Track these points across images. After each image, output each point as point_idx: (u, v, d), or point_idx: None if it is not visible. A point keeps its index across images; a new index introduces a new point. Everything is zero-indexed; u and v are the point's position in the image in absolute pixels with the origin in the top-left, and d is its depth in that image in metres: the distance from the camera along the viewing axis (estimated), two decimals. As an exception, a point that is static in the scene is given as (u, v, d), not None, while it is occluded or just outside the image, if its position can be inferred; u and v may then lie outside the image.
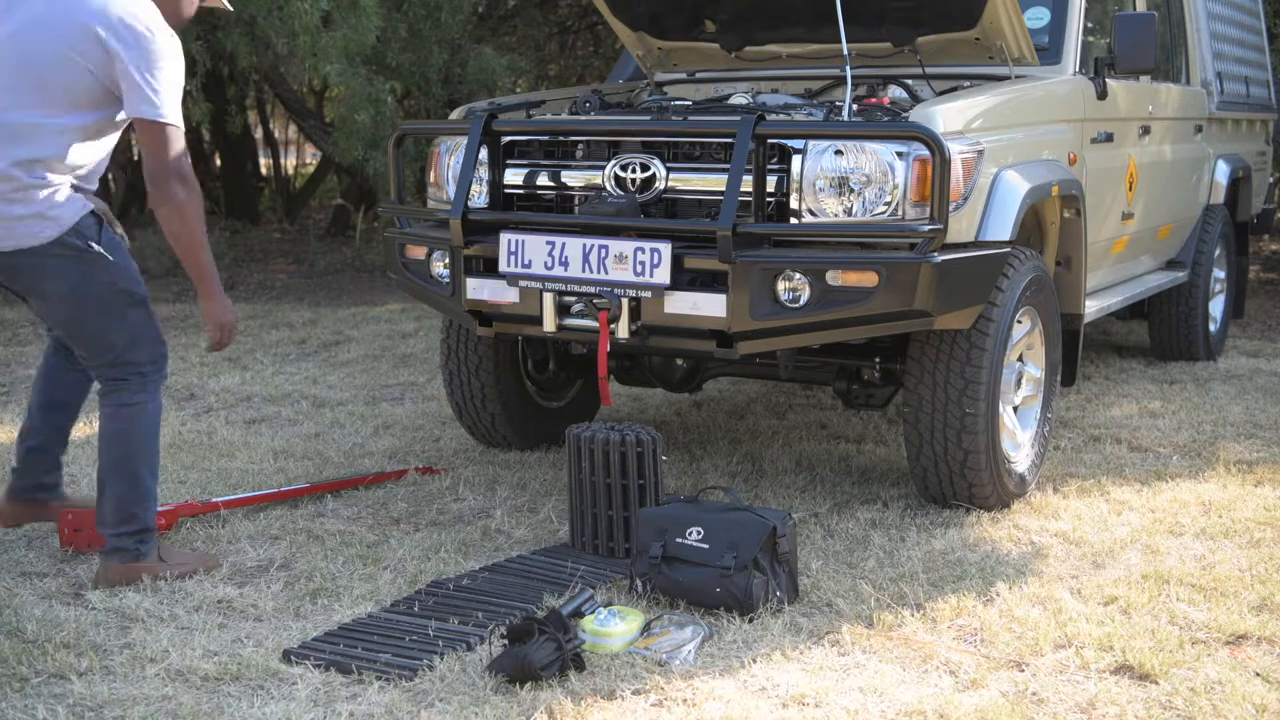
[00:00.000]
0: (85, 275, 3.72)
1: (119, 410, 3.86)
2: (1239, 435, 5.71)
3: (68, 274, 3.71)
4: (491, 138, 4.60)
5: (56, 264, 3.70)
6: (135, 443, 3.87)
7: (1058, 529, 4.40)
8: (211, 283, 3.87)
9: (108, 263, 3.74)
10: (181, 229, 3.74)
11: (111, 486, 3.87)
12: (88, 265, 3.71)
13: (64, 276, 3.71)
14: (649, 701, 3.14)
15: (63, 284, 3.73)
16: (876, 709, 3.11)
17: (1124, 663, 3.35)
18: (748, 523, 3.71)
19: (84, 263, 3.71)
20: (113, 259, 3.75)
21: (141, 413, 3.86)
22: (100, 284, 3.74)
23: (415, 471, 4.95)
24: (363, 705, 3.11)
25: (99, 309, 3.77)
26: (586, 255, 4.27)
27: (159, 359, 3.90)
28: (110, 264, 3.75)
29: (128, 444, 3.86)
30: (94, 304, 3.76)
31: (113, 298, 3.77)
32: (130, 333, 3.81)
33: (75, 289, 3.73)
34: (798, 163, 4.18)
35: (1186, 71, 6.88)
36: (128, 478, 3.86)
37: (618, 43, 8.37)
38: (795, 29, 5.19)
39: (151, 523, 3.91)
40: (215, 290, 3.90)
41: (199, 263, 3.81)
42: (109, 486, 3.87)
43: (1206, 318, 7.22)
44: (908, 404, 4.49)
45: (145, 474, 3.88)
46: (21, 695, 3.16)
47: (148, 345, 3.86)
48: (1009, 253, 4.42)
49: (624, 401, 6.26)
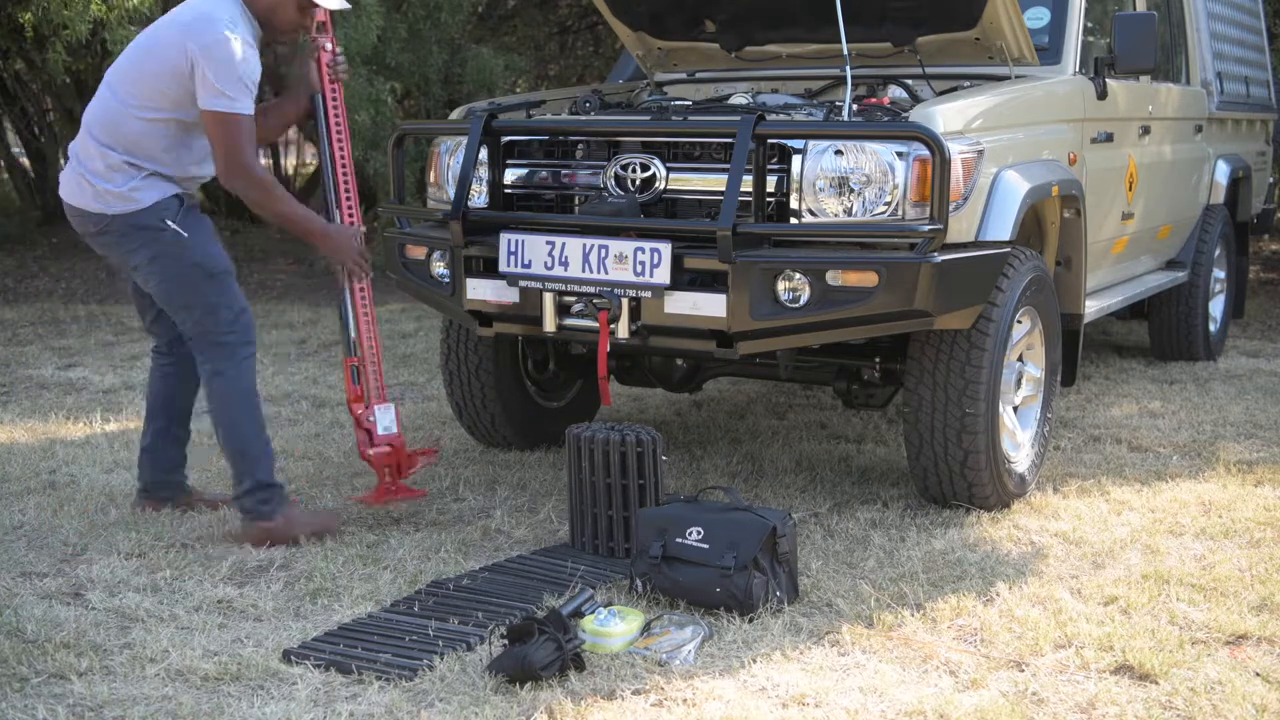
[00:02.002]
0: (162, 250, 4.13)
1: (211, 380, 4.23)
2: (1239, 435, 5.71)
3: (147, 249, 4.14)
4: (491, 138, 4.60)
5: (137, 240, 4.14)
6: (231, 409, 4.20)
7: (1058, 529, 4.40)
8: (311, 231, 4.33)
9: (184, 239, 4.13)
10: (260, 201, 4.20)
11: (225, 452, 4.27)
12: (164, 242, 4.13)
13: (144, 251, 4.15)
14: (649, 701, 3.14)
15: (143, 257, 4.16)
16: (876, 709, 3.11)
17: (1124, 663, 3.35)
18: (748, 523, 3.71)
19: (161, 240, 4.12)
20: (188, 236, 4.14)
21: (229, 380, 4.19)
22: (176, 259, 4.14)
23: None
24: (363, 705, 3.11)
25: (177, 281, 4.17)
26: (586, 255, 4.27)
27: (239, 329, 4.21)
28: (185, 240, 4.14)
29: (224, 411, 4.21)
30: (172, 276, 4.17)
31: (189, 271, 4.15)
32: (205, 303, 4.17)
33: (154, 261, 4.15)
34: (798, 163, 4.18)
35: (1186, 71, 6.88)
36: (231, 441, 4.22)
37: (618, 43, 8.37)
38: (795, 29, 5.19)
39: (266, 479, 4.21)
40: (318, 233, 4.34)
41: (290, 220, 4.28)
42: (225, 452, 4.27)
43: (1206, 318, 7.22)
44: (908, 404, 4.49)
45: (248, 435, 4.21)
46: (21, 695, 3.16)
47: (225, 315, 4.18)
48: (1009, 253, 4.42)
49: (624, 401, 6.26)
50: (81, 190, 4.18)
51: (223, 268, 4.20)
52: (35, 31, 9.45)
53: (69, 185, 4.23)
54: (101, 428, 5.82)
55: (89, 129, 4.19)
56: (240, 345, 4.21)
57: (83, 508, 4.60)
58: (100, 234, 4.21)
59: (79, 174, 4.18)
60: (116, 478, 4.98)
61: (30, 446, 5.48)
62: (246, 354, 4.23)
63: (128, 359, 7.47)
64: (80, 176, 4.17)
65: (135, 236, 4.13)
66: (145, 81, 4.10)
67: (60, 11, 8.08)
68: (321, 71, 4.40)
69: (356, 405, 4.45)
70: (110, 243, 4.22)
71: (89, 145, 4.17)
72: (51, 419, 5.98)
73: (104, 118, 4.17)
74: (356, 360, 4.45)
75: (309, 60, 4.41)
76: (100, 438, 5.61)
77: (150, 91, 4.09)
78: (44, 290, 10.33)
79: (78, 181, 4.19)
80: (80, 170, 4.18)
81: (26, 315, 9.09)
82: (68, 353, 7.71)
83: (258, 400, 4.27)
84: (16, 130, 14.43)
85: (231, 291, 4.22)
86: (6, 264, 11.33)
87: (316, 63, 4.40)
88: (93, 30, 8.24)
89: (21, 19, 9.64)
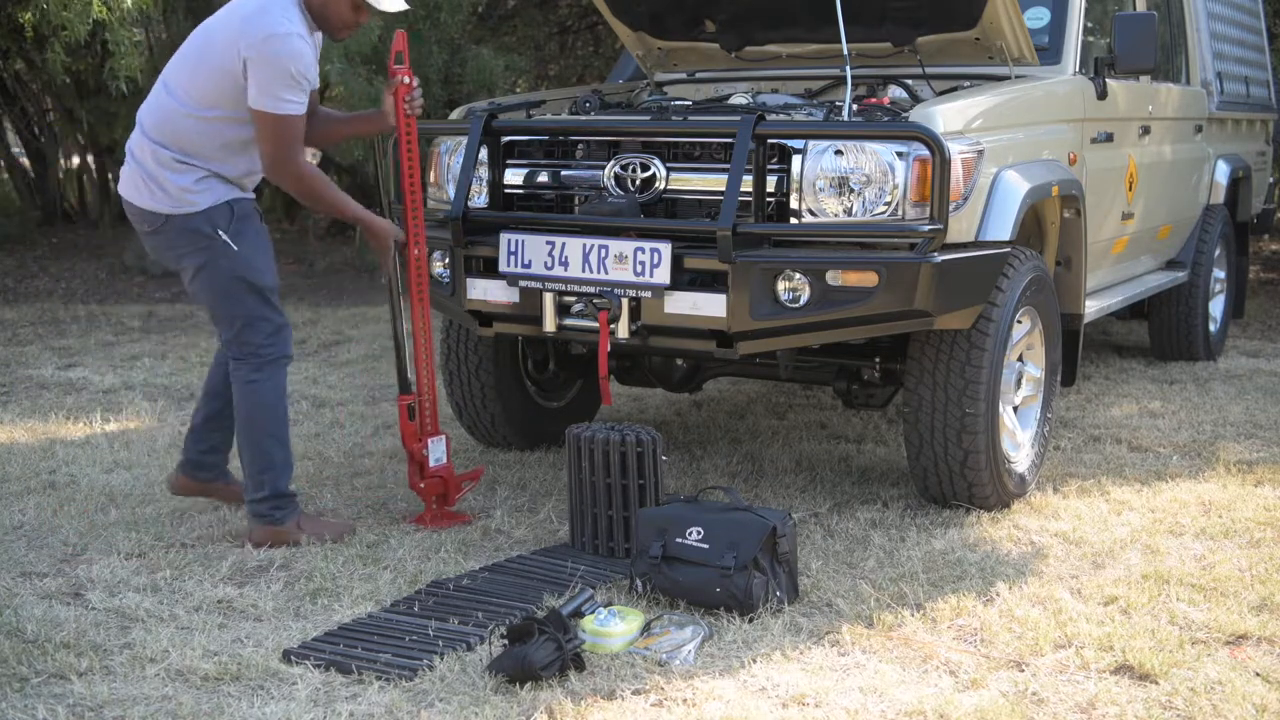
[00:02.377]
0: (210, 259, 4.16)
1: (242, 387, 4.25)
2: (1239, 435, 5.71)
3: (196, 256, 4.17)
4: (491, 138, 4.60)
5: (187, 246, 4.15)
6: (257, 417, 4.24)
7: (1058, 529, 4.40)
8: (359, 216, 4.33)
9: (232, 252, 4.15)
10: (307, 195, 4.25)
11: (244, 456, 4.28)
12: (213, 252, 4.15)
13: (192, 258, 4.18)
14: (649, 701, 3.14)
15: (191, 264, 4.19)
16: (876, 709, 3.11)
17: (1124, 663, 3.35)
18: (748, 523, 3.71)
19: (211, 249, 4.14)
20: (237, 249, 4.15)
21: (260, 390, 4.23)
22: (222, 269, 4.16)
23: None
24: (363, 705, 3.11)
25: (221, 291, 4.19)
26: (586, 255, 4.27)
27: (277, 343, 4.25)
28: (234, 253, 4.15)
29: (251, 418, 4.25)
30: (217, 286, 4.19)
31: (233, 283, 4.17)
32: (246, 316, 4.20)
33: (201, 270, 4.18)
34: (798, 163, 4.18)
35: (1186, 71, 6.88)
36: (254, 449, 4.24)
37: (618, 43, 8.37)
38: (795, 29, 5.19)
39: (283, 489, 4.25)
40: (365, 219, 4.36)
41: (339, 209, 4.31)
42: (244, 456, 4.29)
43: (1206, 318, 7.22)
44: (908, 404, 4.49)
45: (271, 446, 4.24)
46: (21, 695, 3.16)
47: (264, 329, 4.22)
48: (1009, 253, 4.42)
49: (624, 401, 6.26)
50: (137, 188, 4.18)
51: (267, 283, 4.21)
52: (35, 31, 9.45)
53: (126, 182, 4.23)
54: (101, 428, 5.82)
55: (142, 125, 4.19)
56: (277, 359, 4.25)
57: (83, 508, 4.60)
58: (154, 234, 4.21)
59: (135, 171, 4.19)
60: (116, 478, 4.98)
61: (30, 446, 5.48)
62: (281, 367, 4.27)
63: (128, 359, 7.47)
64: (136, 173, 4.18)
65: (186, 243, 4.14)
66: (199, 80, 4.09)
67: (59, 13, 8.07)
68: (398, 106, 4.39)
69: (412, 442, 4.45)
70: (161, 244, 4.23)
71: (142, 142, 4.17)
72: (51, 419, 5.98)
73: (158, 115, 4.15)
74: (413, 398, 4.46)
75: (388, 95, 4.40)
76: (100, 438, 5.61)
77: (204, 90, 4.08)
78: (44, 290, 10.33)
79: (134, 178, 4.19)
80: (135, 167, 4.19)
81: (26, 315, 9.09)
82: (68, 353, 7.71)
83: (286, 412, 4.31)
84: (16, 130, 14.44)
85: (273, 306, 4.24)
86: (6, 264, 11.34)
87: (394, 95, 4.38)
88: (92, 31, 8.24)
89: (21, 19, 9.64)
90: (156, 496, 4.74)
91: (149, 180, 4.14)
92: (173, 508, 4.59)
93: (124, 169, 4.27)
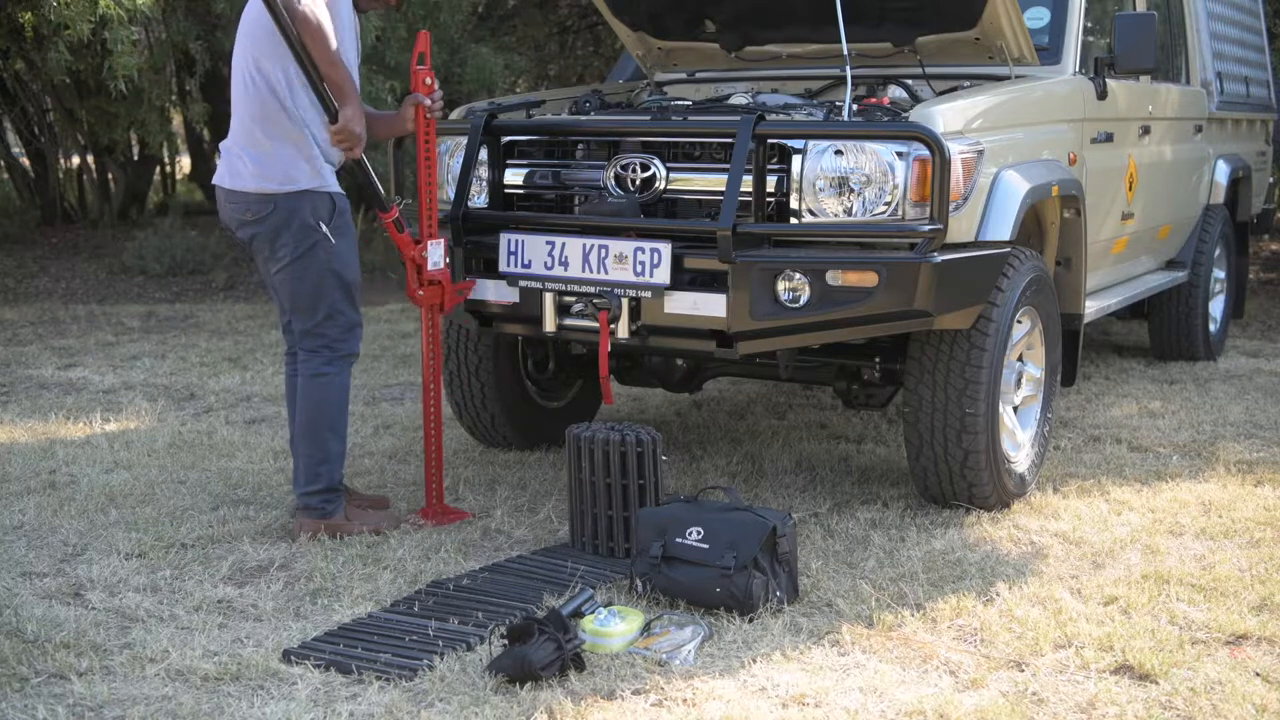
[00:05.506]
0: (309, 251, 4.21)
1: (311, 380, 4.30)
2: (1239, 435, 5.71)
3: (294, 247, 4.21)
4: (491, 138, 4.61)
5: (288, 237, 4.19)
6: (323, 410, 4.30)
7: (1058, 529, 4.40)
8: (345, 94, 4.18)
9: (331, 246, 4.23)
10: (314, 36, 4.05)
11: (301, 448, 4.32)
12: (313, 244, 4.21)
13: (290, 249, 4.21)
14: (649, 701, 3.14)
15: (288, 254, 4.22)
16: (876, 709, 3.11)
17: (1124, 663, 3.35)
18: (748, 523, 3.71)
19: (310, 240, 4.20)
20: (334, 242, 4.23)
21: (330, 383, 4.30)
22: (319, 262, 4.23)
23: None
24: (363, 705, 3.11)
25: (312, 283, 4.24)
26: (586, 255, 4.27)
27: (349, 340, 4.33)
28: (332, 247, 4.23)
29: (316, 411, 4.30)
30: (310, 278, 4.23)
31: (326, 275, 4.24)
32: (330, 309, 4.27)
33: (296, 261, 4.23)
34: (798, 163, 4.18)
35: (1186, 71, 6.88)
36: (315, 441, 4.30)
37: (618, 43, 8.37)
38: (795, 29, 5.19)
39: (337, 483, 4.33)
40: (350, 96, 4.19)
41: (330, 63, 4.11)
42: (300, 448, 4.33)
43: (1206, 318, 7.22)
44: (908, 404, 4.49)
45: (332, 440, 4.31)
46: (21, 695, 3.16)
47: (342, 323, 4.30)
48: (1009, 253, 4.42)
49: (624, 401, 6.26)
50: (236, 173, 4.22)
51: (354, 278, 4.30)
52: (35, 31, 9.45)
53: (225, 170, 4.27)
54: (101, 428, 5.82)
55: (236, 112, 4.23)
56: (348, 354, 4.33)
57: (83, 508, 4.60)
58: (254, 222, 4.22)
59: (235, 156, 4.22)
60: (116, 478, 4.98)
61: (30, 446, 5.48)
62: (350, 364, 4.36)
63: (128, 359, 7.47)
64: (237, 158, 4.22)
65: (287, 234, 4.19)
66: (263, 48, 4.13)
67: (62, 11, 8.07)
68: (419, 112, 4.39)
69: (409, 248, 4.41)
70: (261, 235, 4.24)
71: (236, 129, 4.22)
72: (51, 419, 5.98)
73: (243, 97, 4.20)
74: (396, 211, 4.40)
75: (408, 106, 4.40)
76: (100, 438, 5.61)
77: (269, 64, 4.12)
78: (44, 290, 10.33)
79: (234, 164, 4.23)
80: (237, 152, 4.22)
81: (26, 315, 9.09)
82: (68, 353, 7.71)
83: (347, 408, 4.39)
84: (16, 130, 14.45)
85: (354, 303, 4.33)
86: (6, 264, 11.34)
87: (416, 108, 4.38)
88: (94, 30, 8.24)
89: (21, 19, 9.64)
90: (156, 496, 4.74)
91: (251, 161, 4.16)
92: (173, 508, 4.59)
93: (220, 162, 4.33)
